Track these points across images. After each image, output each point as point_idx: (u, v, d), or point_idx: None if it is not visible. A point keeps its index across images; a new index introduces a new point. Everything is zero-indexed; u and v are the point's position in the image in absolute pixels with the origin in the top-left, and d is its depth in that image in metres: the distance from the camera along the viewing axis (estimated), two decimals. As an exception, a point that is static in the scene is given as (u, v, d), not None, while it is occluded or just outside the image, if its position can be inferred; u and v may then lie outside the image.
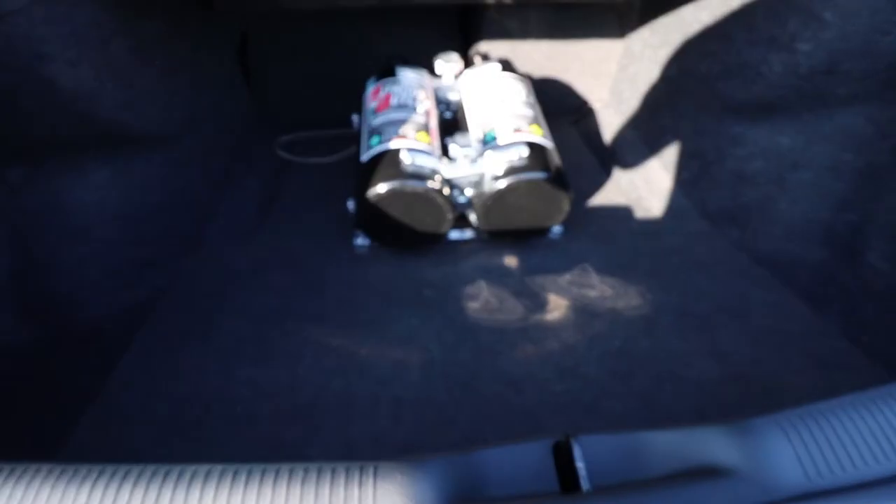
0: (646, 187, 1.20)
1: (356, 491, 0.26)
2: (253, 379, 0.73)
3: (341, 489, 0.26)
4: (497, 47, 1.43)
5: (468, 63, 1.37)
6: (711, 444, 0.32)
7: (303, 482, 0.26)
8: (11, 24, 0.59)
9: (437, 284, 0.94)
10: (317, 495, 0.26)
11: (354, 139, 1.10)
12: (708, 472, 0.30)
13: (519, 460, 0.31)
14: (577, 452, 0.31)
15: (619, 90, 1.41)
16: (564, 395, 0.71)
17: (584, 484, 0.30)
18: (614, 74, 1.45)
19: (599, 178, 1.28)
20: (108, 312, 0.86)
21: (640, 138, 1.27)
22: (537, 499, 0.30)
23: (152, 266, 0.93)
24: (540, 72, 1.48)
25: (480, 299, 0.91)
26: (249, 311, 0.86)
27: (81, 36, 0.66)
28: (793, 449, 0.30)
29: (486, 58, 1.24)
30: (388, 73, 1.07)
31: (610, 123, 1.41)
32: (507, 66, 1.46)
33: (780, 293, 0.90)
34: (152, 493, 0.26)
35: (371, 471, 0.27)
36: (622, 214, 1.15)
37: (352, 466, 0.28)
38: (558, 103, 1.54)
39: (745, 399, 0.71)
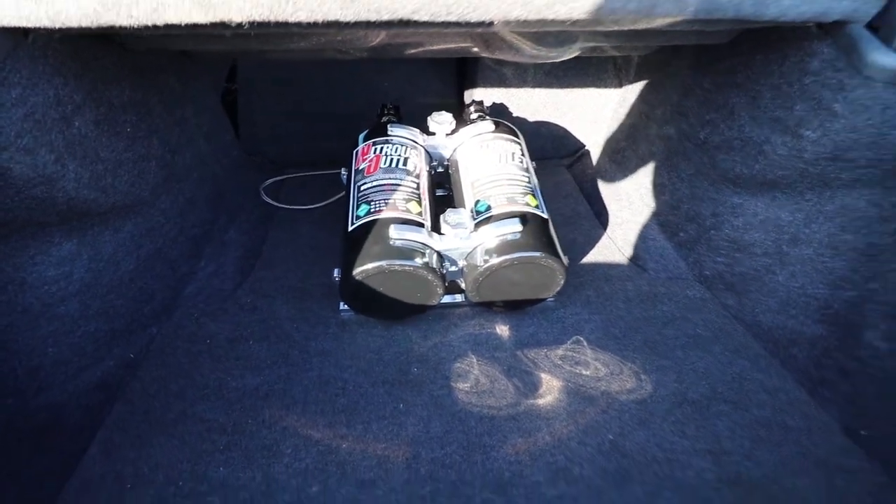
0: (642, 246, 1.17)
1: None
2: (225, 482, 0.68)
3: None
4: (493, 93, 1.40)
5: (463, 106, 1.33)
6: None
7: None
8: None
9: (425, 359, 0.90)
10: None
11: (345, 185, 1.06)
12: None
13: None
14: None
15: (615, 139, 1.38)
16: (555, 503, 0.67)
17: None
18: (610, 121, 1.42)
19: (595, 233, 1.25)
20: (72, 394, 0.80)
21: (637, 193, 1.24)
22: None
23: (121, 339, 0.87)
24: (536, 116, 1.45)
25: (471, 378, 0.87)
26: (225, 393, 0.81)
27: (39, 119, 0.61)
28: None
29: (480, 106, 1.20)
30: (379, 130, 1.03)
31: (606, 172, 1.38)
32: (502, 111, 1.43)
33: (778, 376, 0.87)
34: None
35: None
36: (618, 275, 1.12)
37: None
38: (554, 147, 1.51)
39: (745, 508, 0.68)
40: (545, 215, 0.93)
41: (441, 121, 1.05)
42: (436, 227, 0.89)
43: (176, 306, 0.97)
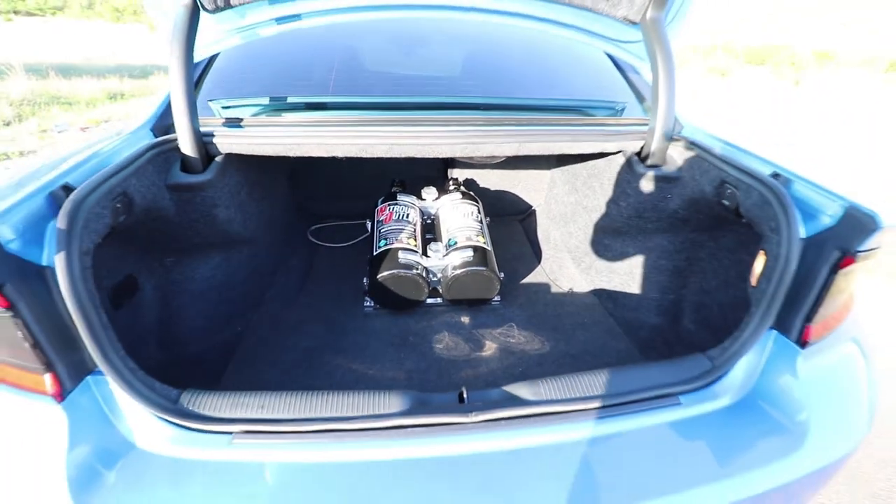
0: (560, 272, 1.80)
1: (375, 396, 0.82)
2: (305, 386, 1.25)
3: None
4: (466, 172, 2.09)
5: (446, 179, 2.00)
6: (523, 391, 0.88)
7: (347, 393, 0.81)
8: (205, 190, 1.18)
9: (418, 333, 1.49)
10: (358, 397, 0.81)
11: (366, 230, 1.69)
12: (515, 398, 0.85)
13: (444, 398, 0.87)
14: (467, 394, 0.87)
15: (549, 202, 2.05)
16: (484, 397, 1.24)
17: (467, 401, 0.86)
18: (546, 192, 2.10)
19: (532, 264, 1.89)
20: (208, 346, 1.38)
21: (560, 238, 1.89)
22: (448, 406, 0.85)
23: (234, 318, 1.47)
24: (497, 186, 2.13)
25: (444, 343, 1.46)
26: (298, 348, 1.40)
27: (231, 192, 1.25)
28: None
29: (456, 181, 1.87)
30: (391, 197, 1.69)
31: (543, 224, 2.04)
32: (471, 185, 2.11)
33: (625, 344, 1.47)
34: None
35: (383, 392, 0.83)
36: (542, 290, 1.73)
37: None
38: (512, 207, 2.18)
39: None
40: (489, 248, 1.56)
41: (429, 192, 1.72)
42: (425, 253, 1.52)
43: (263, 302, 1.57)
